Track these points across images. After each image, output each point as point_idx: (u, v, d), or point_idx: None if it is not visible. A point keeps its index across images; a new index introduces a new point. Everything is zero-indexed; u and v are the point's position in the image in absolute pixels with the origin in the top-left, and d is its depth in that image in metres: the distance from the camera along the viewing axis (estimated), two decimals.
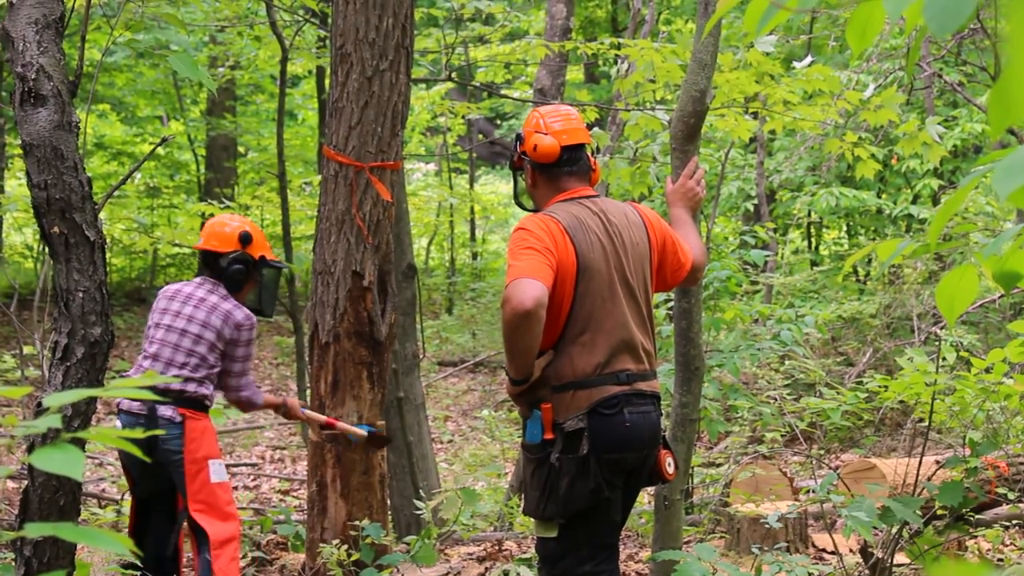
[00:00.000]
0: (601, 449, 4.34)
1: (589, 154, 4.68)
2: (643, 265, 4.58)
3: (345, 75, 5.86)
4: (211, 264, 5.81)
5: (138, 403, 5.61)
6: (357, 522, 5.95)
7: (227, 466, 10.80)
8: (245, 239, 5.79)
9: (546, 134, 4.57)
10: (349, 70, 5.84)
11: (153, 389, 4.71)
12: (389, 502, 6.52)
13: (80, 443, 3.51)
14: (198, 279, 5.84)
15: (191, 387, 5.56)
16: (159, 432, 3.10)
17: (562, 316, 4.36)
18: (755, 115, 8.19)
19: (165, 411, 5.55)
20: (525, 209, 4.81)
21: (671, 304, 7.51)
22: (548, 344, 4.36)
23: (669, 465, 4.58)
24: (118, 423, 5.77)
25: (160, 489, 5.69)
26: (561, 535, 4.41)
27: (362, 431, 5.85)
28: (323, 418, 5.96)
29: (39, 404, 3.84)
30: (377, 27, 5.81)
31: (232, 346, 5.68)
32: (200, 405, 5.63)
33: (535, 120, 4.66)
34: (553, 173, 4.59)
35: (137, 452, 2.19)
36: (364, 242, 5.88)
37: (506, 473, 9.72)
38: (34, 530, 1.96)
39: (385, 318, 6.00)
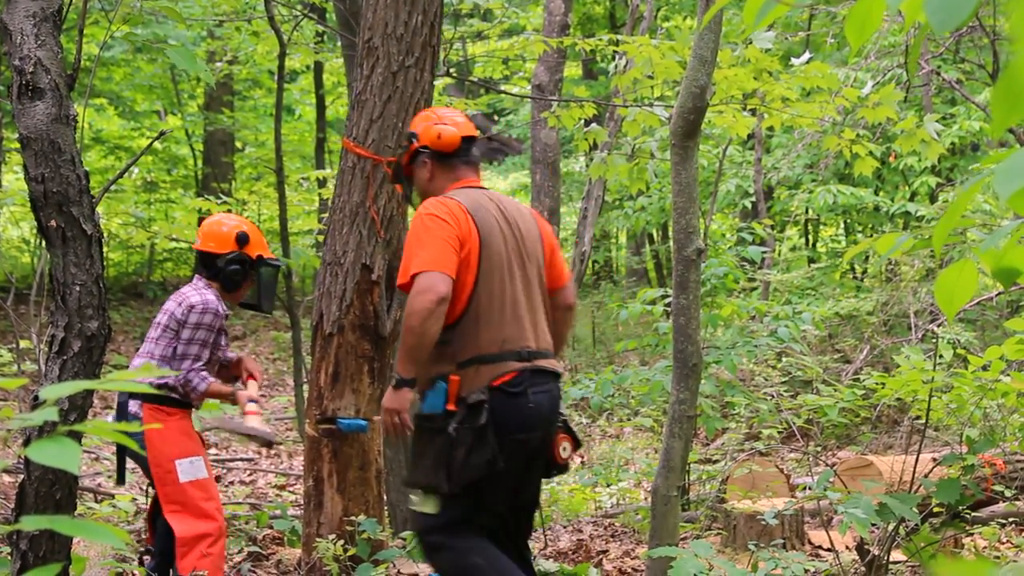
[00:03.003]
0: (505, 431, 4.45)
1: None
2: (537, 253, 4.77)
3: (371, 68, 5.86)
4: (208, 264, 5.81)
5: (120, 399, 5.63)
6: (353, 517, 5.95)
7: (222, 461, 10.82)
8: (242, 240, 5.79)
9: (449, 125, 4.82)
10: (375, 64, 5.85)
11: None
12: (385, 497, 6.51)
13: (76, 436, 3.51)
14: (196, 279, 5.85)
15: (168, 376, 5.55)
16: (135, 426, 3.09)
17: (465, 294, 4.49)
18: (753, 112, 8.19)
19: (132, 407, 5.57)
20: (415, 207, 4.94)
21: (669, 301, 7.51)
22: (450, 321, 4.47)
23: (564, 450, 4.69)
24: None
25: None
26: (441, 512, 4.51)
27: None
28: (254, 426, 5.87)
29: (35, 397, 3.84)
30: (406, 23, 5.81)
31: (180, 327, 5.66)
32: (165, 399, 5.61)
33: (430, 116, 4.91)
34: (452, 163, 4.82)
35: (133, 445, 2.19)
36: (376, 236, 5.88)
37: None
38: (30, 524, 1.96)
39: (391, 314, 5.99)
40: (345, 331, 5.92)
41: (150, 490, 5.78)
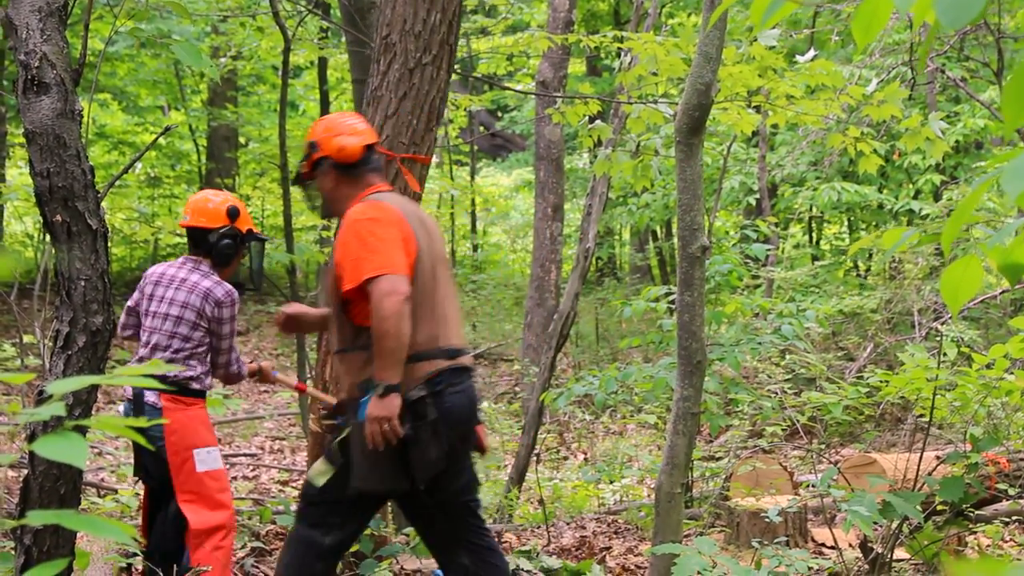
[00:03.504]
0: (450, 424, 4.54)
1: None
2: (445, 254, 4.87)
3: (387, 65, 5.86)
4: (200, 241, 5.81)
5: (131, 391, 5.62)
6: None
7: (226, 456, 10.81)
8: (233, 213, 5.80)
9: (349, 135, 4.81)
10: (392, 60, 5.84)
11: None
12: None
13: (82, 431, 3.51)
14: (181, 259, 5.85)
15: (174, 370, 5.55)
16: (142, 422, 3.09)
17: None
18: (758, 109, 8.18)
19: (149, 397, 5.57)
20: (324, 218, 5.05)
21: (673, 298, 7.51)
22: None
23: (486, 436, 4.85)
24: (120, 410, 5.78)
25: (168, 477, 5.69)
26: (330, 485, 4.60)
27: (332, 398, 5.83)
28: (294, 381, 6.06)
29: (40, 392, 3.84)
30: (424, 20, 5.81)
31: (217, 324, 5.70)
32: (186, 389, 5.63)
33: (328, 126, 4.90)
34: (358, 172, 4.81)
35: (140, 440, 2.18)
36: None
37: (505, 465, 9.72)
38: (36, 518, 1.96)
39: None
40: None
41: (141, 489, 5.79)
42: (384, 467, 4.47)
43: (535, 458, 8.81)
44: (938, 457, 6.46)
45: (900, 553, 6.10)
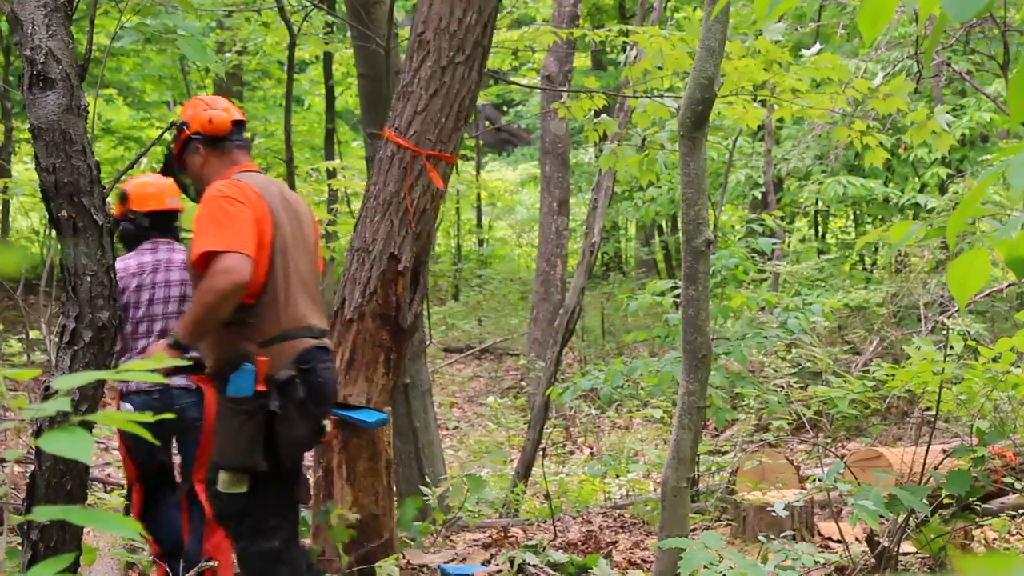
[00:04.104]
0: (316, 404, 4.63)
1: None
2: (312, 237, 4.95)
3: (420, 62, 5.87)
4: (167, 224, 5.91)
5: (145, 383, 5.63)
6: (362, 508, 5.94)
7: None
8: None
9: (216, 110, 4.94)
10: (425, 57, 5.86)
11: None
12: (395, 488, 6.51)
13: (88, 427, 3.51)
14: (149, 245, 5.86)
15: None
16: (148, 416, 3.09)
17: (263, 272, 4.60)
18: (763, 103, 8.17)
19: (178, 381, 5.56)
20: (196, 201, 4.98)
21: (678, 292, 7.50)
22: (249, 300, 4.58)
23: (330, 426, 4.94)
24: (127, 406, 5.76)
25: (167, 466, 5.71)
26: (251, 490, 4.61)
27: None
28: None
29: (46, 388, 3.84)
30: (460, 20, 5.83)
31: None
32: (201, 367, 5.66)
33: (196, 103, 5.02)
34: (225, 147, 4.91)
35: (147, 435, 2.18)
36: (407, 227, 5.87)
37: (512, 460, 9.72)
38: (43, 514, 1.96)
39: (412, 307, 5.98)
40: (365, 319, 5.90)
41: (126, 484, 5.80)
42: (242, 445, 4.51)
43: (541, 453, 8.82)
44: (944, 451, 6.45)
45: (907, 547, 6.10)
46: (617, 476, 9.26)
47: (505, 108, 26.02)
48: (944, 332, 7.04)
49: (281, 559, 4.68)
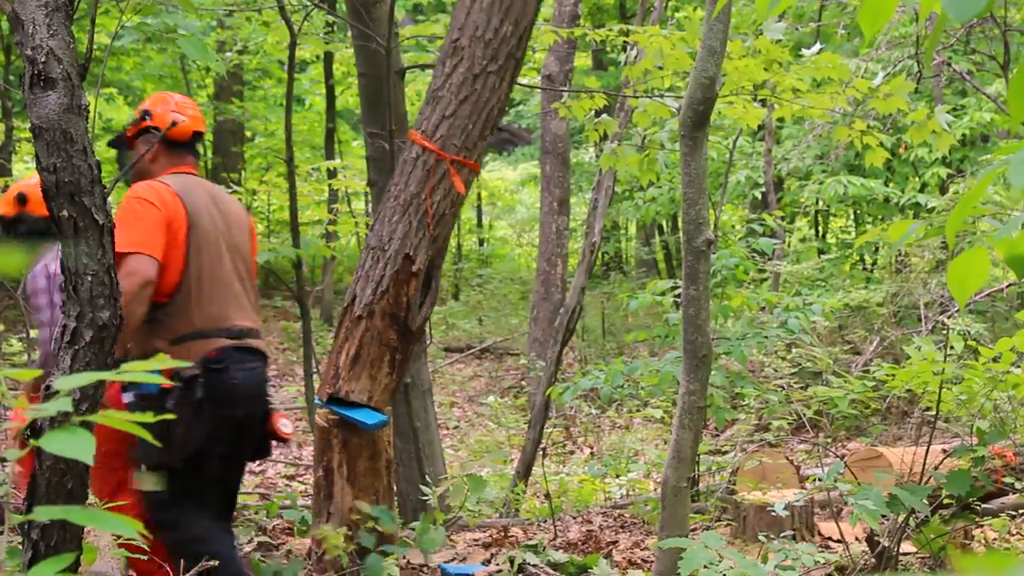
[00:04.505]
0: (215, 404, 4.71)
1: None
2: (245, 240, 5.04)
3: (452, 67, 5.90)
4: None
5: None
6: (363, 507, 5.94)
7: None
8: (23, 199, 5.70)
9: (182, 115, 5.00)
10: (458, 63, 5.89)
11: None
12: (395, 488, 6.52)
13: (89, 426, 3.51)
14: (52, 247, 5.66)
15: None
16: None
17: (177, 271, 4.71)
18: (764, 103, 8.17)
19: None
20: (127, 182, 5.13)
21: (679, 292, 7.50)
22: (162, 298, 4.69)
23: (284, 426, 5.10)
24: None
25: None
26: (168, 487, 4.79)
27: None
28: None
29: (47, 387, 3.84)
30: (496, 30, 5.86)
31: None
32: None
33: (168, 100, 5.09)
34: (178, 152, 5.00)
35: (147, 436, 2.18)
36: (425, 229, 5.88)
37: (512, 459, 9.72)
38: (45, 514, 1.96)
39: (422, 310, 5.99)
40: (375, 316, 5.91)
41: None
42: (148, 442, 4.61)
43: (541, 452, 8.82)
44: (945, 451, 6.45)
45: (907, 546, 6.10)
46: (617, 476, 9.26)
47: (506, 108, 26.01)
48: (944, 332, 7.04)
49: (208, 541, 4.80)
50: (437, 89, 5.94)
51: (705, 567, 4.66)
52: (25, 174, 19.19)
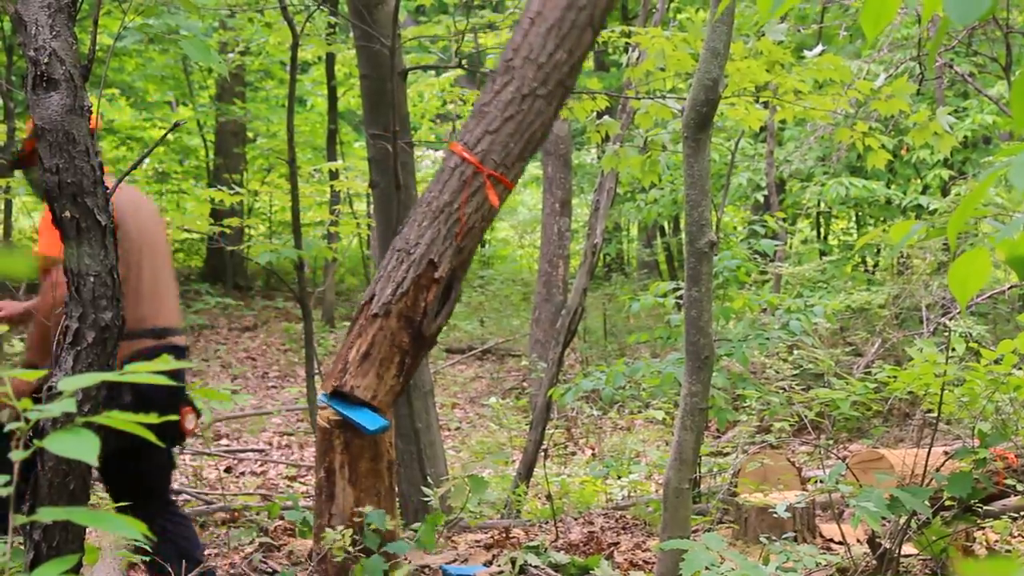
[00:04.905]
0: (144, 405, 4.70)
1: None
2: (164, 236, 5.16)
3: (503, 85, 5.93)
4: None
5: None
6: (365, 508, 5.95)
7: (234, 451, 10.85)
8: None
9: None
10: (508, 82, 5.91)
11: None
12: (397, 489, 6.52)
13: (92, 427, 3.51)
14: None
15: None
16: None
17: None
18: (766, 104, 8.17)
19: None
20: (40, 196, 5.13)
21: (680, 293, 7.50)
22: None
23: (189, 421, 5.16)
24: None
25: None
26: (103, 480, 5.02)
27: None
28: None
29: (50, 388, 3.84)
30: (551, 55, 5.89)
31: None
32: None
33: None
34: None
35: (150, 436, 2.19)
36: (453, 239, 5.89)
37: (513, 461, 9.72)
38: (46, 515, 1.96)
39: (438, 319, 5.99)
40: (391, 316, 5.90)
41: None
42: None
43: (543, 454, 8.82)
44: (946, 453, 6.45)
45: (908, 548, 6.10)
46: (619, 477, 9.26)
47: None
48: (946, 334, 7.05)
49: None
50: (484, 104, 5.97)
51: (706, 569, 4.66)
52: None
